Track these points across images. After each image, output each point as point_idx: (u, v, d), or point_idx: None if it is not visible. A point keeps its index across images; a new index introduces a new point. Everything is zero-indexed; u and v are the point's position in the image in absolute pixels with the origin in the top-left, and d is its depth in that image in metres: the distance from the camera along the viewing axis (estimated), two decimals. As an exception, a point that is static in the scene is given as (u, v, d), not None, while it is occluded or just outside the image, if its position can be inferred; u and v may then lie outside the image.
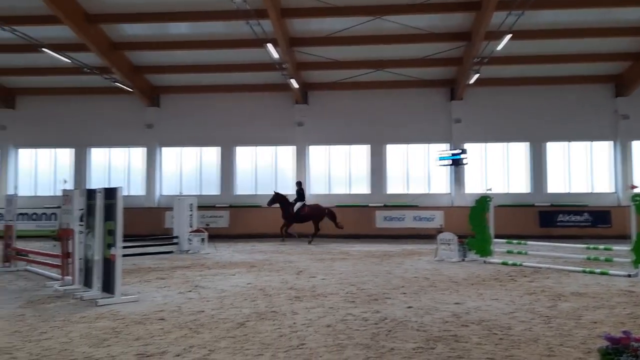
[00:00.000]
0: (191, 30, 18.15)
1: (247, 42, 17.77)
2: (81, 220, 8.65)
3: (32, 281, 9.55)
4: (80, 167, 21.93)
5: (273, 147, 21.81)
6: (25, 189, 21.13)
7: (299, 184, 18.67)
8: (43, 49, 16.38)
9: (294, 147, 21.41)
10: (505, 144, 21.09)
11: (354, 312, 6.63)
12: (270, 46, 16.29)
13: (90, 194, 8.36)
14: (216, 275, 10.06)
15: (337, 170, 21.60)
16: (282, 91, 20.99)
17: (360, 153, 21.54)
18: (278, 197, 17.65)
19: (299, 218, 17.68)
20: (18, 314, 6.69)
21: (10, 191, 19.59)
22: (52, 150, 22.29)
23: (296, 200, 17.92)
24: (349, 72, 20.19)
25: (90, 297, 7.56)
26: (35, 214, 20.44)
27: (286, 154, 21.73)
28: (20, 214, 17.85)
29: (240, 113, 21.61)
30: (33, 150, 22.30)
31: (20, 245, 11.71)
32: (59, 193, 20.70)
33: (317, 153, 21.62)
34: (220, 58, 19.45)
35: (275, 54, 16.84)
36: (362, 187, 21.43)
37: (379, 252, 14.60)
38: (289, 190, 21.34)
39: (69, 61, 17.58)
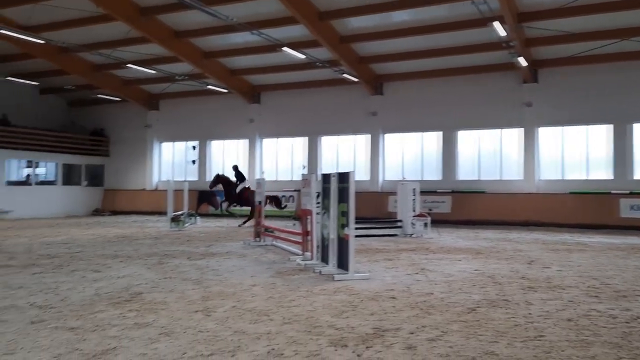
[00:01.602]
0: (413, 16, 18.26)
1: (470, 22, 17.22)
2: (318, 201, 9.49)
3: (278, 255, 10.80)
4: (313, 154, 23.92)
5: (497, 131, 20.85)
6: (268, 174, 23.84)
7: (235, 167, 19.48)
8: (283, 48, 18.23)
9: (521, 130, 20.11)
10: None
11: (598, 307, 6.04)
12: (497, 24, 15.52)
13: (325, 178, 9.09)
14: (441, 260, 10.09)
15: (572, 153, 19.66)
16: (507, 71, 19.84)
17: (600, 134, 19.25)
18: (220, 179, 18.40)
19: (241, 201, 18.48)
20: (270, 282, 7.65)
21: (259, 176, 22.35)
22: (290, 139, 24.73)
23: (237, 182, 18.71)
24: (585, 44, 18.09)
25: (327, 272, 8.25)
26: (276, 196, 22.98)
27: (512, 137, 20.56)
28: (266, 196, 20.26)
29: (461, 96, 21.11)
30: (274, 139, 25.05)
31: (266, 223, 13.32)
32: (296, 178, 23.15)
33: (547, 135, 19.98)
34: (442, 42, 19.18)
35: (502, 32, 16.00)
36: (602, 172, 19.15)
37: (625, 245, 12.96)
38: (513, 176, 20.23)
39: (304, 57, 19.23)
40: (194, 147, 26.45)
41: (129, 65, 21.14)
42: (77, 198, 26.28)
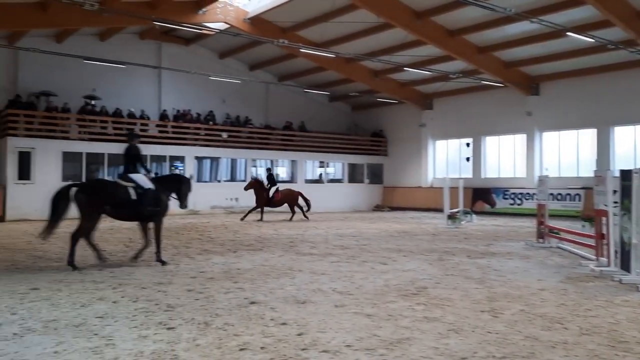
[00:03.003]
0: None
1: None
2: (615, 201, 8.43)
3: (566, 259, 9.97)
4: (603, 147, 21.30)
5: None
6: (550, 170, 22.15)
7: (268, 170, 20.21)
8: (567, 34, 16.73)
9: None
10: None
11: None
12: None
13: (624, 174, 8.03)
14: None
15: None
16: None
17: None
18: (253, 183, 18.79)
19: (272, 203, 18.89)
20: (560, 288, 7.13)
21: (540, 173, 21.02)
22: (574, 131, 22.54)
23: (269, 185, 18.96)
24: None
25: (629, 281, 7.29)
26: (559, 194, 21.23)
27: None
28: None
29: None
30: (556, 132, 23.16)
31: (548, 223, 12.40)
32: (583, 174, 20.98)
33: None
34: None
35: None
36: None
37: None
38: None
39: (592, 40, 17.30)
40: (467, 144, 26.28)
41: (405, 68, 22.14)
42: (360, 194, 28.73)
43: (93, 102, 22.79)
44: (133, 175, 9.09)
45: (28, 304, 6.08)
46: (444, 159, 27.83)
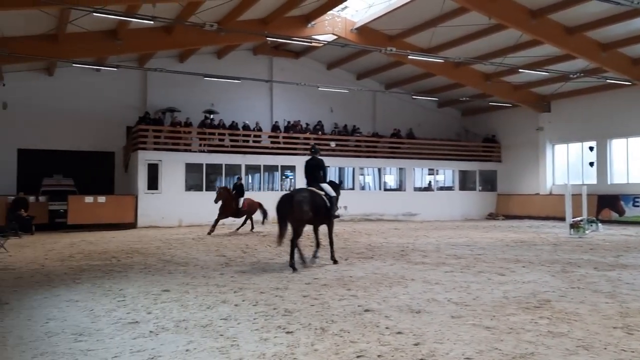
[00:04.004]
0: None
1: None
2: None
3: None
4: None
5: None
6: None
7: (239, 178, 19.73)
8: None
9: None
10: None
11: None
12: None
13: None
14: None
15: None
16: None
17: None
18: (222, 193, 17.89)
19: (240, 212, 18.12)
20: None
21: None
22: None
23: (237, 196, 18.11)
24: None
25: None
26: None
27: None
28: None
29: None
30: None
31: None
32: None
33: None
34: None
35: None
36: None
37: None
38: None
39: None
40: (591, 148, 24.46)
41: (520, 70, 21.15)
42: (472, 202, 27.76)
43: (212, 116, 24.26)
44: (323, 185, 10.13)
45: (161, 305, 6.61)
46: (564, 164, 26.07)
